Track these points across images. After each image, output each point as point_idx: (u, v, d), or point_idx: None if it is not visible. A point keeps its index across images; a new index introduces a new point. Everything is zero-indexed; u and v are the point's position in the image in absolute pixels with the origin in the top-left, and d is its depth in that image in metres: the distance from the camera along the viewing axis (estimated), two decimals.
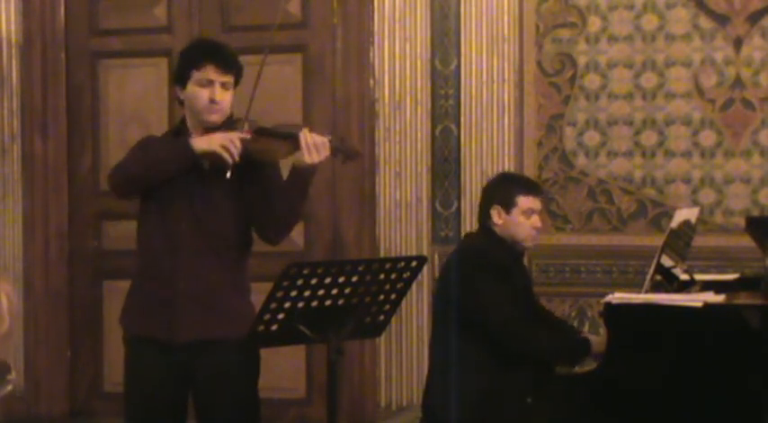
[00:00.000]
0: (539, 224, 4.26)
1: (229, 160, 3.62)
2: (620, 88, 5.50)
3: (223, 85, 3.74)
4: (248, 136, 3.66)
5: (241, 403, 3.79)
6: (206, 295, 3.72)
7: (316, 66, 5.88)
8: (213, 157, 3.64)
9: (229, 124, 3.76)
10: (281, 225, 3.82)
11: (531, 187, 4.30)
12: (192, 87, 3.75)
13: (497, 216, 4.21)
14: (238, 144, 3.62)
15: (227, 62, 3.78)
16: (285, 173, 3.79)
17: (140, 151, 3.80)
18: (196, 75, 3.73)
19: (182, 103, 3.85)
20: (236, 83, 3.81)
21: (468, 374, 4.05)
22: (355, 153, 3.80)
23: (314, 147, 3.63)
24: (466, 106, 5.63)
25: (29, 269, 6.15)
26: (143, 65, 6.13)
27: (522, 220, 4.20)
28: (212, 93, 3.72)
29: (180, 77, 3.79)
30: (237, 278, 3.83)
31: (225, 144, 3.61)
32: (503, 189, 4.26)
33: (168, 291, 3.72)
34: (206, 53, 3.77)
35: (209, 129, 3.76)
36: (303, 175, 3.70)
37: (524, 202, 4.20)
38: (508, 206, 4.20)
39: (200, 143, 3.66)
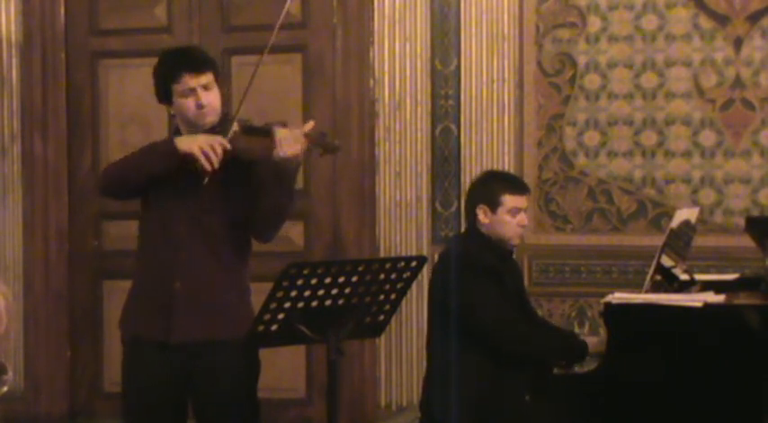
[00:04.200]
0: (525, 222, 4.26)
1: (207, 166, 3.61)
2: (620, 88, 5.50)
3: (204, 87, 3.74)
4: (236, 133, 3.67)
5: (239, 404, 3.79)
6: (203, 296, 3.72)
7: (316, 66, 5.88)
8: (192, 159, 3.63)
9: (224, 123, 3.76)
10: (267, 223, 3.80)
11: (515, 186, 4.29)
12: (177, 101, 3.75)
13: (483, 216, 4.21)
14: (219, 151, 3.61)
15: (199, 64, 3.77)
16: None
17: (128, 156, 3.81)
18: (176, 88, 3.73)
19: (173, 115, 3.86)
20: (217, 77, 3.80)
21: (466, 375, 4.05)
22: (333, 147, 3.74)
23: (284, 140, 3.59)
24: (466, 106, 5.63)
25: (29, 269, 6.15)
26: (143, 65, 6.06)
27: (508, 219, 4.19)
28: (197, 99, 3.72)
29: (163, 96, 3.80)
30: (236, 279, 3.82)
31: (204, 148, 3.60)
32: (487, 188, 4.25)
33: (166, 292, 3.72)
34: (176, 64, 3.76)
35: (207, 131, 3.76)
36: (282, 170, 3.65)
37: (510, 200, 4.20)
38: (494, 205, 4.19)
39: (183, 144, 3.66)
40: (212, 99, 3.75)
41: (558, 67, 5.57)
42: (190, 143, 3.65)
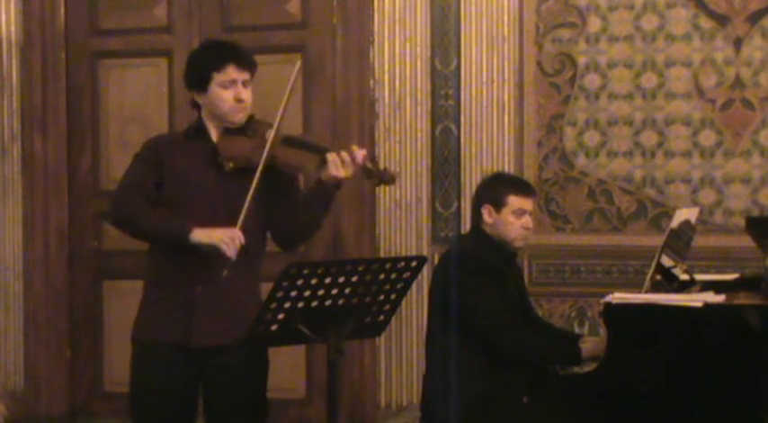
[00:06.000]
0: (529, 225, 4.27)
1: (228, 254, 3.59)
2: (620, 88, 5.50)
3: (244, 84, 3.75)
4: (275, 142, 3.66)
5: (250, 403, 3.80)
6: (223, 300, 3.71)
7: (316, 66, 5.88)
8: (211, 248, 3.62)
9: (251, 124, 3.76)
10: (302, 236, 3.87)
11: (522, 187, 4.30)
12: (214, 90, 3.74)
13: (488, 215, 4.22)
14: (237, 243, 3.59)
15: (246, 60, 3.79)
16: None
17: (148, 210, 3.74)
18: (217, 77, 3.73)
19: (196, 106, 3.83)
20: (252, 79, 3.82)
21: (465, 375, 4.06)
22: (390, 178, 3.70)
23: (341, 161, 3.62)
24: (466, 106, 5.63)
25: (29, 269, 6.15)
26: (143, 65, 6.13)
27: (512, 220, 4.21)
28: (237, 93, 3.73)
29: (198, 81, 3.77)
30: (252, 282, 3.82)
31: (225, 240, 3.59)
32: (494, 188, 4.27)
33: (186, 295, 3.71)
34: (225, 54, 3.76)
35: (231, 129, 3.75)
36: (328, 189, 3.69)
37: (515, 201, 4.21)
38: (498, 205, 4.21)
39: (200, 236, 3.63)
40: (249, 97, 3.77)
41: (557, 67, 5.57)
42: (209, 236, 3.62)
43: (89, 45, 6.21)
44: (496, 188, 4.27)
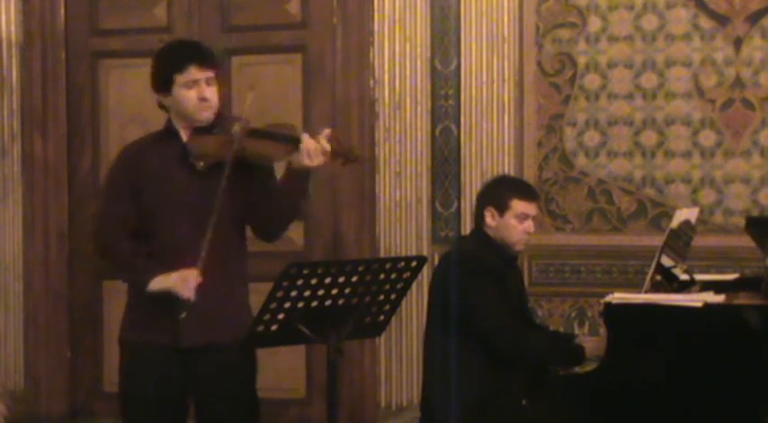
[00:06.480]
0: (531, 229, 4.27)
1: (184, 297, 3.61)
2: (620, 88, 5.50)
3: (207, 82, 3.75)
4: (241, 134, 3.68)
5: (242, 403, 3.80)
6: (211, 303, 3.70)
7: (316, 66, 5.88)
8: (169, 292, 3.66)
9: (220, 122, 3.77)
10: (282, 224, 3.86)
11: (526, 192, 4.30)
12: (177, 91, 3.75)
13: (490, 218, 4.22)
14: (193, 284, 3.61)
15: (207, 59, 3.79)
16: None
17: (120, 253, 3.83)
18: (180, 78, 3.73)
19: (164, 108, 3.85)
20: (218, 75, 3.82)
21: (465, 376, 4.06)
22: (355, 157, 3.82)
23: (314, 151, 3.65)
24: (466, 106, 5.63)
25: (29, 269, 6.15)
26: (143, 65, 6.03)
27: (514, 224, 4.21)
28: (200, 91, 3.73)
29: (162, 84, 3.78)
30: (236, 281, 3.83)
31: (179, 283, 3.63)
32: (498, 191, 4.28)
33: (174, 299, 3.70)
34: (185, 55, 3.77)
35: (200, 128, 3.76)
36: (301, 175, 3.72)
37: (518, 205, 4.21)
38: (502, 209, 4.21)
39: (156, 284, 3.69)
40: (214, 95, 3.77)
41: (558, 67, 5.57)
42: (164, 283, 3.67)
43: (89, 45, 6.21)
44: (500, 191, 4.27)
